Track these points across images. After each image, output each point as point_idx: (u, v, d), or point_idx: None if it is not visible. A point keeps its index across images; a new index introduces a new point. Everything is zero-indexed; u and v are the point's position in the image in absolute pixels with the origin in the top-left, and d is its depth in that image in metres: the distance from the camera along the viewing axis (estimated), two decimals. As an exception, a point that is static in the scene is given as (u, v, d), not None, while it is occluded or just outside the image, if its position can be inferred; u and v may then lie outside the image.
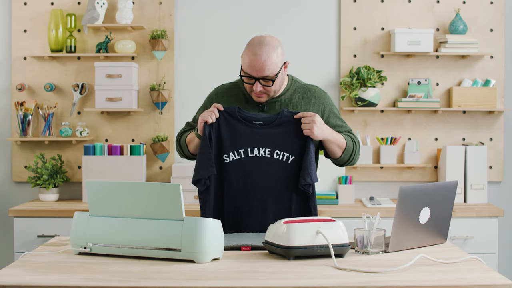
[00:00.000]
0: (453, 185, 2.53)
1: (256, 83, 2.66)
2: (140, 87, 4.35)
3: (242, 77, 2.69)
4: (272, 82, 2.67)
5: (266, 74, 2.64)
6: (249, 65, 2.64)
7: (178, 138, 2.90)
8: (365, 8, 4.37)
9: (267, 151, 2.69)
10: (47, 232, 3.92)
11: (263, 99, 2.73)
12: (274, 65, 2.64)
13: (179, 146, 2.88)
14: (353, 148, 2.79)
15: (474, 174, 4.20)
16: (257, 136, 2.69)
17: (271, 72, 2.64)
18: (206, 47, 4.38)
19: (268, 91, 2.70)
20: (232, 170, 2.69)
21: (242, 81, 2.73)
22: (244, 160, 2.69)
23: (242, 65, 2.68)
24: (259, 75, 2.64)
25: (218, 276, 2.04)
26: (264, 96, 2.72)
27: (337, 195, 4.14)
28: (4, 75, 4.37)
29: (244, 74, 2.68)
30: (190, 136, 2.80)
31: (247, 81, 2.68)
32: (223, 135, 2.69)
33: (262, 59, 2.62)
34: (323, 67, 4.38)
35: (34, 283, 1.97)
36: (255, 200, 2.71)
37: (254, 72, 2.64)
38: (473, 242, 3.97)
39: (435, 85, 4.38)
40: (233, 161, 2.69)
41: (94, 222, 2.30)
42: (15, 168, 4.37)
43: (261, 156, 2.69)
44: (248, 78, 2.67)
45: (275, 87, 2.71)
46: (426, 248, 2.44)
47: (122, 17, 4.23)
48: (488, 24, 4.37)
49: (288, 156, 2.68)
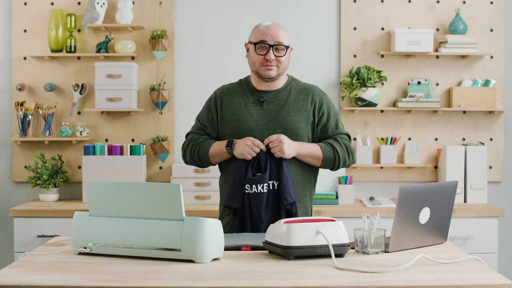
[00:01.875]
0: (453, 185, 2.53)
1: (270, 51, 2.77)
2: (140, 87, 4.35)
3: (255, 45, 2.79)
4: (284, 52, 2.79)
5: (281, 40, 2.79)
6: (264, 32, 2.79)
7: (192, 146, 2.89)
8: (365, 8, 4.37)
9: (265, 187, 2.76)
10: (47, 232, 3.92)
11: (273, 72, 2.81)
12: (285, 36, 2.81)
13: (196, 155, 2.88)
14: (334, 156, 2.84)
15: (474, 174, 4.20)
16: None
17: (284, 39, 2.80)
18: (206, 47, 4.38)
19: (279, 62, 2.80)
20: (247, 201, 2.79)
21: (254, 51, 2.80)
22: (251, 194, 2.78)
23: (254, 37, 2.82)
24: (275, 41, 2.77)
25: (218, 276, 2.04)
26: (275, 69, 2.81)
27: (337, 195, 4.14)
28: (4, 75, 4.37)
29: (258, 43, 2.78)
30: (217, 150, 2.83)
31: (260, 52, 2.79)
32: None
33: (277, 27, 2.80)
34: (323, 67, 4.38)
35: (34, 283, 1.97)
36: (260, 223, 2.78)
37: (270, 37, 2.77)
38: (473, 242, 3.97)
39: (435, 85, 4.38)
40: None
41: (94, 222, 2.30)
42: (15, 168, 4.37)
43: (259, 192, 2.75)
44: (261, 48, 2.78)
45: (285, 60, 2.82)
46: (426, 248, 2.44)
47: (122, 17, 4.23)
48: (488, 24, 4.37)
49: (273, 183, 2.75)
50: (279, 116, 2.82)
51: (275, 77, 2.82)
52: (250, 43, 2.83)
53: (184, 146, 2.94)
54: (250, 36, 2.85)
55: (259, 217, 2.73)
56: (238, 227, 2.77)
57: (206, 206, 4.04)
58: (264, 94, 2.87)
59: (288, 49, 2.82)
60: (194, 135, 2.93)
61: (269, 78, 2.82)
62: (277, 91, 2.87)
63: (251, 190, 2.72)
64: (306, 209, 2.89)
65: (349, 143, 2.89)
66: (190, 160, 2.92)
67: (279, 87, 2.88)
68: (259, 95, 2.87)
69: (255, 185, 2.71)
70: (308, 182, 2.88)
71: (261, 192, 2.72)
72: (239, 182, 2.75)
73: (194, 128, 2.96)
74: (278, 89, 2.88)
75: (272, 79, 2.83)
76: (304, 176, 2.85)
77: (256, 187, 2.71)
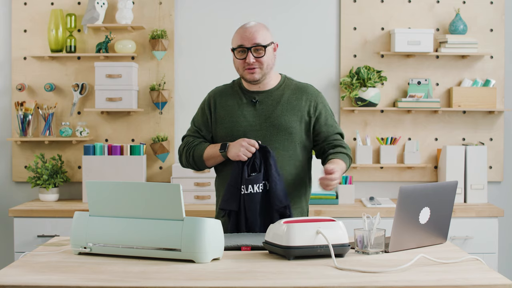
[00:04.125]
0: (453, 185, 2.53)
1: (249, 54, 2.75)
2: (140, 87, 4.35)
3: (234, 50, 2.78)
4: (263, 52, 2.74)
5: (258, 41, 2.75)
6: (241, 36, 2.77)
7: (187, 150, 2.89)
8: (365, 8, 4.37)
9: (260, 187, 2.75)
10: (47, 232, 3.92)
11: (256, 75, 2.78)
12: (264, 35, 2.77)
13: (191, 158, 2.88)
14: (348, 165, 2.84)
15: (474, 174, 4.20)
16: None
17: (262, 40, 2.75)
18: (206, 47, 4.38)
19: (261, 63, 2.77)
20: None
21: (234, 57, 2.80)
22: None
23: (233, 42, 2.81)
24: (251, 43, 2.75)
25: (218, 276, 2.04)
26: (258, 71, 2.78)
27: (337, 195, 4.14)
28: (4, 75, 4.37)
29: (236, 48, 2.77)
30: (211, 153, 2.82)
31: (240, 56, 2.77)
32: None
33: (253, 29, 2.77)
34: (323, 67, 4.38)
35: (34, 283, 1.97)
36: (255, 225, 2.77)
37: (246, 40, 2.75)
38: (473, 242, 3.97)
39: (435, 85, 4.38)
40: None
41: (94, 222, 2.30)
42: (15, 168, 4.37)
43: (255, 192, 2.74)
44: (240, 52, 2.76)
45: (267, 60, 2.78)
46: (426, 248, 2.44)
47: (122, 17, 4.23)
48: (488, 24, 4.37)
49: (265, 183, 2.74)
50: (272, 116, 2.81)
51: (260, 79, 2.80)
52: (231, 49, 2.82)
53: (180, 150, 2.94)
54: (231, 42, 2.83)
55: (255, 218, 2.71)
56: (233, 229, 2.76)
57: (206, 206, 4.03)
58: (257, 95, 2.85)
59: (270, 47, 2.78)
60: (190, 138, 2.92)
61: (254, 81, 2.80)
62: (270, 91, 2.86)
63: (246, 190, 2.71)
64: (302, 210, 2.88)
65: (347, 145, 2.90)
66: (186, 163, 2.92)
67: (271, 87, 2.86)
68: (251, 96, 2.86)
69: (251, 185, 2.70)
70: (302, 182, 2.87)
71: (256, 193, 2.71)
72: (235, 184, 2.74)
73: (189, 131, 2.96)
74: (270, 89, 2.86)
75: (258, 81, 2.81)
76: (298, 177, 2.84)
77: (252, 187, 2.70)
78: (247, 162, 2.72)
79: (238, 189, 2.72)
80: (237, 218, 2.75)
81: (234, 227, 2.75)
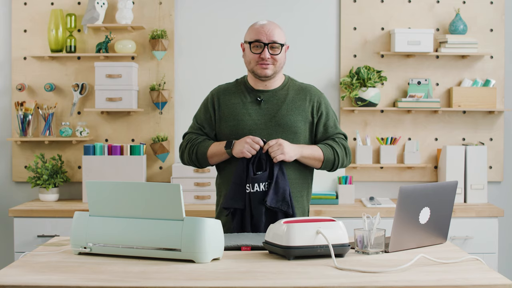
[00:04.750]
0: (453, 185, 2.53)
1: (265, 50, 2.79)
2: (140, 87, 4.35)
3: (250, 44, 2.80)
4: (279, 50, 2.80)
5: (275, 39, 2.79)
6: (259, 31, 2.80)
7: (190, 147, 2.89)
8: (365, 8, 4.37)
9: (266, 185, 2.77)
10: (47, 232, 3.92)
11: (269, 71, 2.81)
12: (281, 35, 2.82)
13: (194, 155, 2.88)
14: (334, 157, 2.84)
15: (474, 174, 4.20)
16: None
17: (279, 38, 2.80)
18: (206, 47, 4.38)
19: (275, 60, 2.80)
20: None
21: (250, 50, 2.81)
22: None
23: (249, 36, 2.83)
24: (269, 40, 2.79)
25: (218, 276, 2.04)
26: (271, 67, 2.81)
27: (337, 195, 4.14)
28: (4, 75, 4.37)
29: (253, 42, 2.80)
30: (216, 150, 2.83)
31: (255, 51, 2.80)
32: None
33: (271, 26, 2.82)
34: (323, 67, 4.38)
35: (34, 283, 1.97)
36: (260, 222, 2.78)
37: (264, 36, 2.79)
38: (473, 242, 3.97)
39: (435, 85, 4.38)
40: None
41: (94, 222, 2.30)
42: (15, 168, 4.37)
43: (261, 191, 2.75)
44: (256, 47, 2.79)
45: (280, 59, 2.82)
46: (426, 248, 2.44)
47: (122, 17, 4.23)
48: (488, 24, 4.37)
49: (270, 182, 2.75)
50: (277, 115, 2.83)
51: (271, 75, 2.83)
52: (246, 42, 2.85)
53: (182, 147, 2.94)
54: (246, 36, 2.86)
55: (260, 217, 2.72)
56: (238, 228, 2.77)
57: (206, 206, 4.03)
58: (262, 94, 2.87)
59: (284, 47, 2.83)
60: (192, 135, 2.93)
61: (265, 76, 2.82)
62: (275, 90, 2.88)
63: (252, 189, 2.72)
64: (303, 209, 2.90)
65: (347, 143, 2.91)
66: (188, 160, 2.92)
67: (276, 86, 2.89)
68: (256, 94, 2.87)
69: (257, 184, 2.71)
70: (304, 182, 2.89)
71: (262, 191, 2.72)
72: (240, 182, 2.74)
73: (191, 128, 2.96)
74: (275, 88, 2.89)
75: (269, 78, 2.84)
76: (300, 177, 2.86)
77: (259, 185, 2.71)
78: (252, 160, 2.73)
79: (243, 186, 2.73)
80: (242, 216, 2.76)
81: (239, 226, 2.76)
